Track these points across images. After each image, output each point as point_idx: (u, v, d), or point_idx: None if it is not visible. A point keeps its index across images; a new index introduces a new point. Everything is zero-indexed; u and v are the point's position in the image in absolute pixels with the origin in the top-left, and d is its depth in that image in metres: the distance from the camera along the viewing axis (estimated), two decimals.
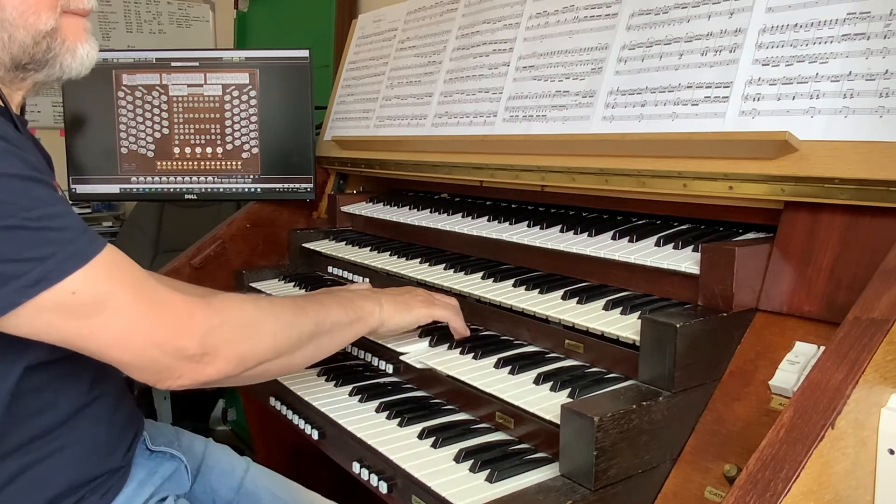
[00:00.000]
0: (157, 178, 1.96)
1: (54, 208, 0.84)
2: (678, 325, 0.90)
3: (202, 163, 1.95)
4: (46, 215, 0.82)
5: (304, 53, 1.91)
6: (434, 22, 1.75)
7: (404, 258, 1.52)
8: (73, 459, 0.99)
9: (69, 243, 0.83)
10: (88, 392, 1.01)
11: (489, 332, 1.27)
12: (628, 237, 1.16)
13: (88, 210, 3.88)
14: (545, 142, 1.32)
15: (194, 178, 1.96)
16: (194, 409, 2.84)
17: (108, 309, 0.85)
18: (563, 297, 1.15)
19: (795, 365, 0.87)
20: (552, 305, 1.13)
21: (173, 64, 1.93)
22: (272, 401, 1.37)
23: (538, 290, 1.19)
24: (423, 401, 1.21)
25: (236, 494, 1.30)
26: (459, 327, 1.21)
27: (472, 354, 1.16)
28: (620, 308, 1.06)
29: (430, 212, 1.62)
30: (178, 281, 1.45)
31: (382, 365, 1.34)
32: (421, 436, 1.08)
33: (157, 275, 1.38)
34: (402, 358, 1.22)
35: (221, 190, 1.96)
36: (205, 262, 1.91)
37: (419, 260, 1.49)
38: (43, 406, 0.95)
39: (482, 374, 1.10)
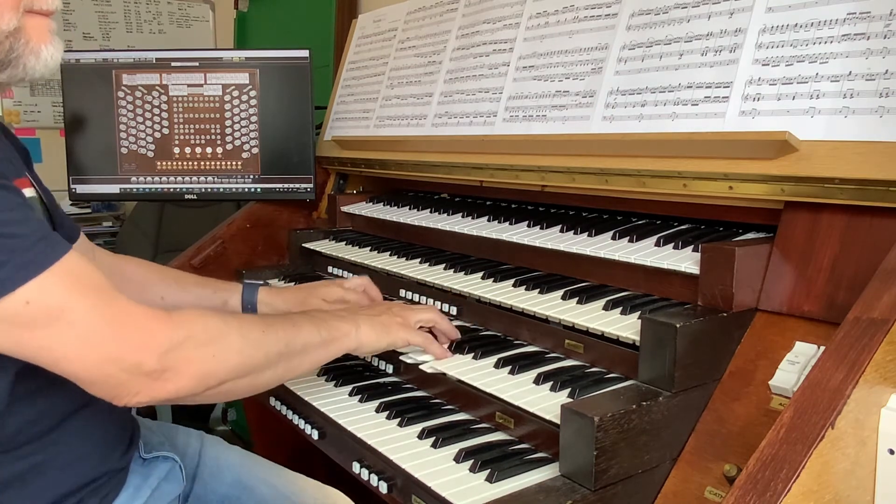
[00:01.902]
0: (157, 178, 1.96)
1: (10, 214, 0.81)
2: (678, 325, 0.90)
3: (202, 163, 1.95)
4: (1, 221, 0.80)
5: (304, 53, 1.91)
6: (434, 22, 1.75)
7: (404, 258, 1.52)
8: (72, 462, 0.99)
9: (24, 251, 0.80)
10: (84, 393, 1.00)
11: (489, 331, 1.27)
12: (628, 237, 1.16)
13: (88, 210, 3.88)
14: (545, 142, 1.32)
15: (194, 178, 1.96)
16: (194, 408, 2.84)
17: (64, 320, 0.81)
18: (563, 297, 1.15)
19: (795, 365, 0.87)
20: (552, 305, 1.13)
21: (173, 64, 1.93)
22: (272, 401, 1.37)
23: (538, 290, 1.19)
24: (423, 401, 1.21)
25: (234, 489, 1.29)
26: (436, 352, 1.18)
27: (472, 354, 1.16)
28: (620, 308, 1.06)
29: (430, 212, 1.62)
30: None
31: (382, 365, 1.34)
32: (421, 436, 1.08)
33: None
34: (401, 358, 1.22)
35: (221, 190, 1.96)
36: (205, 262, 1.91)
37: (419, 260, 1.49)
38: (39, 410, 0.95)
39: (482, 374, 1.10)
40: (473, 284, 1.29)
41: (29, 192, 1.02)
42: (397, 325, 1.16)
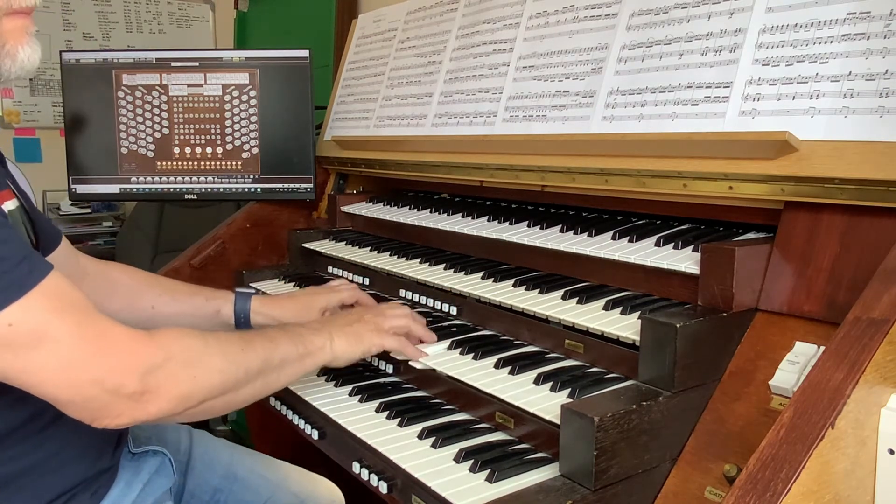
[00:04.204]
0: (157, 178, 1.96)
1: None
2: (678, 325, 0.90)
3: (202, 163, 1.95)
4: None
5: (304, 53, 1.91)
6: (434, 22, 1.75)
7: (404, 258, 1.52)
8: (64, 462, 0.99)
9: (5, 274, 0.79)
10: None
11: (489, 331, 1.27)
12: (628, 237, 1.16)
13: (88, 210, 3.88)
14: (545, 142, 1.32)
15: (194, 178, 1.96)
16: None
17: (46, 343, 0.80)
18: (563, 297, 1.15)
19: (795, 365, 0.87)
20: (552, 305, 1.13)
21: (173, 64, 1.93)
22: (272, 401, 1.36)
23: (538, 290, 1.19)
24: (423, 401, 1.21)
25: (226, 481, 1.29)
26: (411, 354, 1.19)
27: (472, 354, 1.16)
28: (620, 308, 1.06)
29: (430, 212, 1.62)
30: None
31: (382, 365, 1.34)
32: (421, 436, 1.08)
33: None
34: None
35: (221, 190, 1.96)
36: (205, 262, 1.91)
37: (419, 260, 1.49)
38: (32, 411, 0.94)
39: (482, 374, 1.10)
40: (473, 284, 1.29)
41: (12, 204, 1.01)
42: (370, 332, 1.17)
